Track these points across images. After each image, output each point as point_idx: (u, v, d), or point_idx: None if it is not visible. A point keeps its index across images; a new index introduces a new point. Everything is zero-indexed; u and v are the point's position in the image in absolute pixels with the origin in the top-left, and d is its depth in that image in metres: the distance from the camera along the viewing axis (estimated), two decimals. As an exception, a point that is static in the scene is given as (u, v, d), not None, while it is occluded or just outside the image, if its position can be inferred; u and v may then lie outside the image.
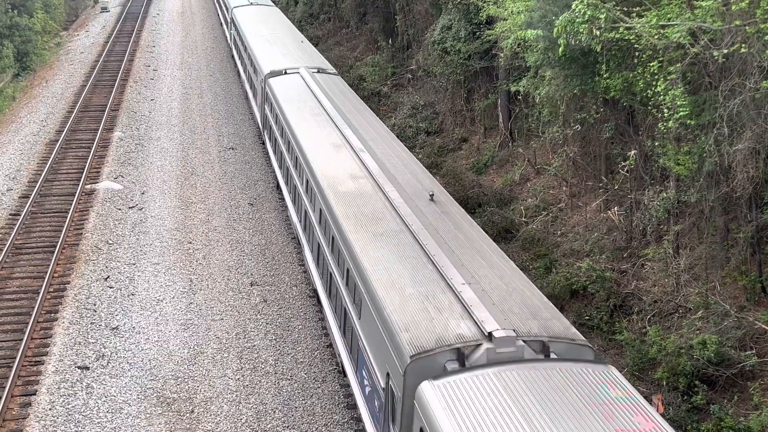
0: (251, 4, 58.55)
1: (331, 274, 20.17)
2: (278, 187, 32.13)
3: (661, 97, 19.09)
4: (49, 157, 35.88)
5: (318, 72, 34.49)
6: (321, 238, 21.72)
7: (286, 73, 34.68)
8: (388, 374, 14.26)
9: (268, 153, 35.25)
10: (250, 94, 42.53)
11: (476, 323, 13.86)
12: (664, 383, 18.96)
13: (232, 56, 56.32)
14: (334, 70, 36.78)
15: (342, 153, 23.88)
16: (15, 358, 20.47)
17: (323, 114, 27.94)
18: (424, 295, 15.07)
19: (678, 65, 18.79)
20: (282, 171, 29.95)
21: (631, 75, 21.05)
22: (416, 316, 14.37)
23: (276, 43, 42.27)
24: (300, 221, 25.62)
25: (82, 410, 18.96)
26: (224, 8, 66.64)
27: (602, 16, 19.12)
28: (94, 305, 23.86)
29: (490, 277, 15.83)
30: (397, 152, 24.49)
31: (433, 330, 13.83)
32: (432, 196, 20.07)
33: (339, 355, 19.21)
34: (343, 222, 19.09)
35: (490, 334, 13.38)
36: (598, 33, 19.48)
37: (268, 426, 18.69)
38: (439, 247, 16.95)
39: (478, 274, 15.84)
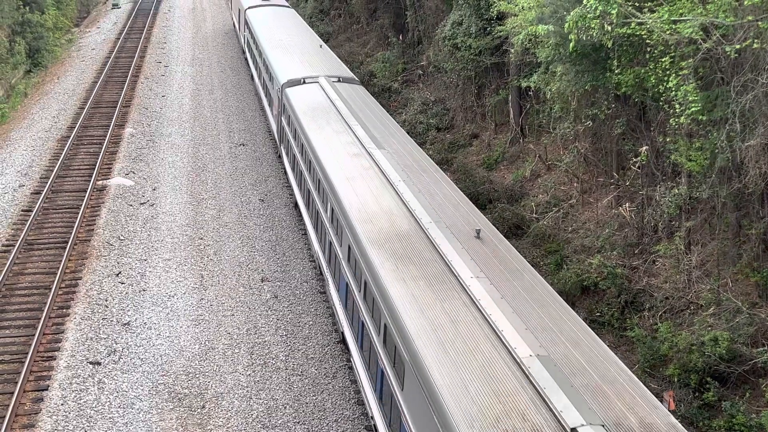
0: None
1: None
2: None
3: (673, 92, 19.02)
4: (61, 154, 36.01)
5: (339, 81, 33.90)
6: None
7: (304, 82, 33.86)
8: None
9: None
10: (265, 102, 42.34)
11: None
12: (676, 380, 18.91)
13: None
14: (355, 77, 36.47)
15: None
16: (27, 353, 20.57)
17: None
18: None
19: (690, 61, 18.72)
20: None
21: (642, 71, 20.97)
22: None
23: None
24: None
25: (93, 405, 19.05)
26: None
27: (614, 12, 19.05)
28: (106, 301, 23.96)
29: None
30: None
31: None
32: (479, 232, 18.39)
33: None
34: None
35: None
36: (609, 28, 19.41)
37: (279, 422, 18.74)
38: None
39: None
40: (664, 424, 11.66)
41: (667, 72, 19.26)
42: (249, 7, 55.30)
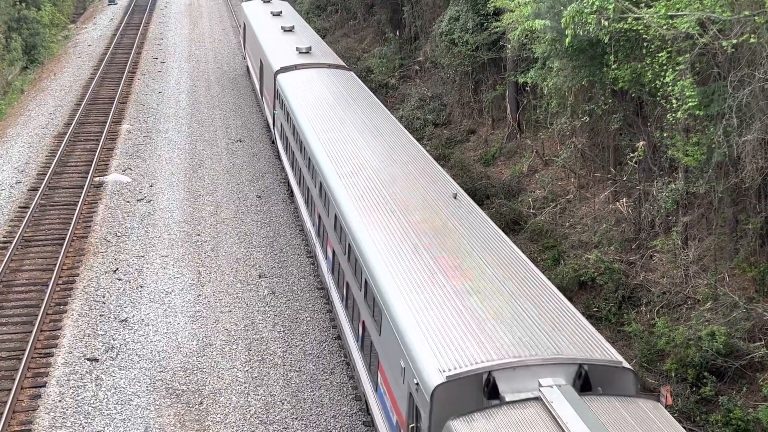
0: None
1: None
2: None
3: (670, 87, 19.00)
4: (58, 150, 35.97)
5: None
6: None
7: None
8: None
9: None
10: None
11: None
12: (673, 375, 18.93)
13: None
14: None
15: None
16: (25, 350, 20.56)
17: None
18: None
19: (687, 56, 18.70)
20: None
21: (639, 66, 20.95)
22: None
23: None
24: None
25: (91, 402, 19.05)
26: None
27: (610, 7, 19.03)
28: (103, 297, 23.95)
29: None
30: None
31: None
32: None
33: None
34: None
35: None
36: (606, 23, 19.40)
37: (277, 417, 18.75)
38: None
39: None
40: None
41: (664, 67, 19.23)
42: (282, 70, 33.14)
